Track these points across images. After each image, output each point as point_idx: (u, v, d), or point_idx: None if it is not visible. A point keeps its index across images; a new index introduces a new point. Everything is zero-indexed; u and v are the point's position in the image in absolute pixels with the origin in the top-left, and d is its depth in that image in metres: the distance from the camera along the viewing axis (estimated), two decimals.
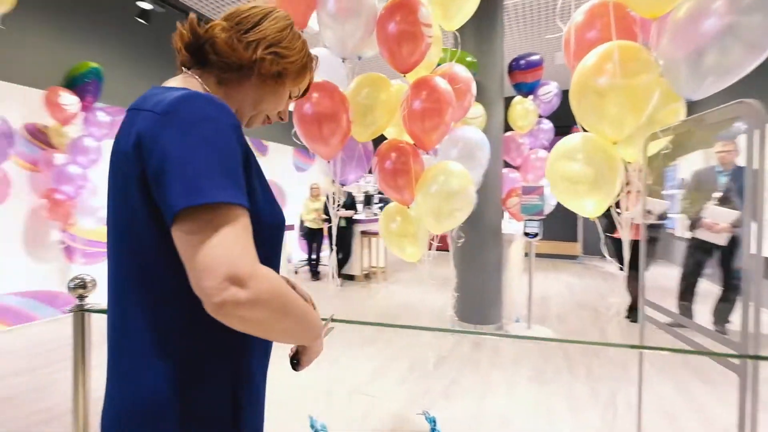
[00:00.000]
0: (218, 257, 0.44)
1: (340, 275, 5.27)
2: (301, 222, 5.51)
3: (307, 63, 0.69)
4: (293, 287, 0.86)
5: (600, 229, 1.75)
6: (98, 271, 3.74)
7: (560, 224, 6.75)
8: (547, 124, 3.41)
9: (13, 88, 3.20)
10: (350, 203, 5.21)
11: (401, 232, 1.92)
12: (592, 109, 1.32)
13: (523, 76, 3.29)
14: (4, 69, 3.15)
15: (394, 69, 1.68)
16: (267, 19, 0.63)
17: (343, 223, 5.08)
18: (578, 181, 1.45)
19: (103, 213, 3.65)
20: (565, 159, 1.49)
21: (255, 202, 0.56)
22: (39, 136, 3.35)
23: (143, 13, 3.19)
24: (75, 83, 3.42)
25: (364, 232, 5.32)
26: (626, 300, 3.70)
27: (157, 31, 4.02)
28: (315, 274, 5.50)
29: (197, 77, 0.62)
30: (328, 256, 5.54)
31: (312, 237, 5.41)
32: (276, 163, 6.46)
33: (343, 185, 1.98)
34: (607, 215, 2.16)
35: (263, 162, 6.09)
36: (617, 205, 1.48)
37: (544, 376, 2.55)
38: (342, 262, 5.28)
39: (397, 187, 1.80)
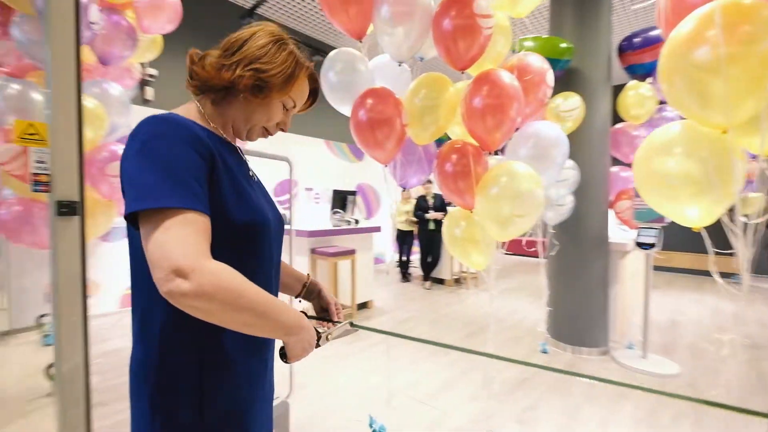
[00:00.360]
0: (165, 252, 0.51)
1: (429, 278, 5.24)
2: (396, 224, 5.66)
3: (293, 73, 0.71)
4: (316, 290, 0.89)
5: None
6: None
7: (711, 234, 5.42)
8: (671, 112, 2.78)
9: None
10: (440, 205, 5.13)
11: (466, 238, 1.82)
12: (691, 89, 1.03)
13: (639, 56, 2.74)
14: (170, 97, 4.05)
15: (452, 67, 1.61)
16: (251, 38, 0.69)
17: (432, 226, 5.03)
18: (679, 182, 1.15)
19: None
20: (660, 154, 1.20)
21: (221, 204, 0.62)
22: None
23: None
24: None
25: None
26: None
27: None
28: (405, 276, 5.58)
29: (196, 102, 0.71)
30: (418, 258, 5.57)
31: (403, 239, 5.51)
32: (373, 169, 6.79)
33: (404, 188, 1.97)
34: None
35: (359, 167, 6.49)
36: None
37: (658, 421, 2.08)
38: (431, 265, 5.24)
39: (458, 190, 1.71)
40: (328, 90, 1.81)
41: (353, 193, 4.29)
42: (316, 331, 0.72)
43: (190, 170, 0.57)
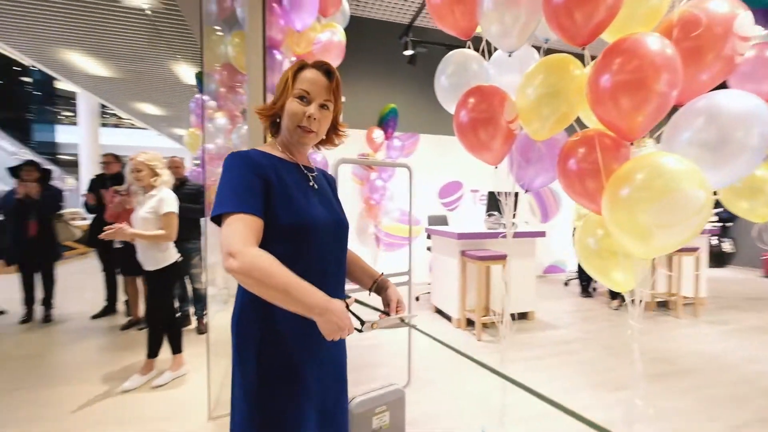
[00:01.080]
0: (225, 241, 0.75)
1: (618, 296, 4.26)
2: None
3: (287, 76, 0.91)
4: (384, 286, 1.04)
5: None
6: (394, 256, 5.07)
7: None
8: None
9: (354, 132, 4.95)
10: None
11: (603, 251, 1.46)
12: None
13: None
14: (349, 118, 4.93)
15: (571, 44, 1.32)
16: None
17: None
18: None
19: (396, 214, 4.89)
20: None
21: (271, 209, 0.83)
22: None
23: (411, 58, 4.04)
24: (383, 121, 4.81)
25: None
26: None
27: (425, 68, 4.94)
28: (586, 290, 4.73)
29: (272, 136, 0.99)
30: None
31: None
32: None
33: (526, 191, 1.75)
34: None
35: None
36: None
37: None
38: None
39: (586, 193, 1.39)
40: (442, 95, 1.81)
41: (515, 194, 3.98)
42: (359, 318, 0.85)
43: (246, 186, 0.81)
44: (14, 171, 3.47)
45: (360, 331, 0.86)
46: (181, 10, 4.65)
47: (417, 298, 4.55)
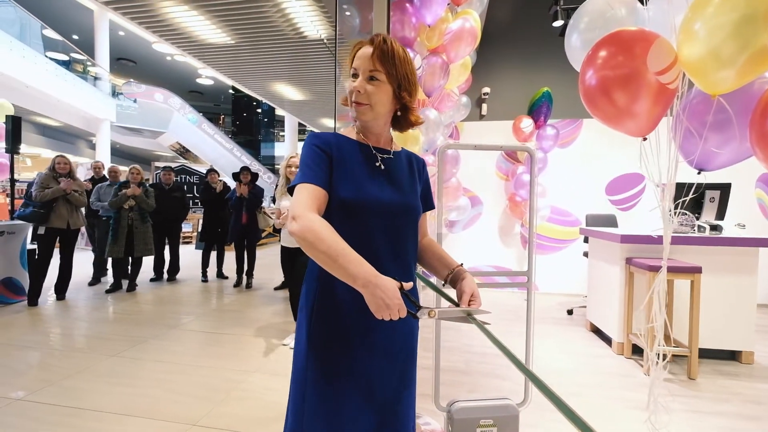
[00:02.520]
0: (291, 205, 0.84)
1: None
2: None
3: (348, 60, 0.93)
4: (460, 277, 0.97)
5: None
6: (543, 260, 4.48)
7: None
8: None
9: (499, 124, 4.62)
10: None
11: None
12: None
13: None
14: (492, 110, 4.62)
15: None
16: None
17: None
18: None
19: (546, 212, 4.32)
20: None
21: (334, 183, 0.89)
22: (511, 154, 4.59)
23: (563, 30, 3.43)
24: (533, 108, 4.31)
25: None
26: None
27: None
28: None
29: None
30: None
31: None
32: None
33: (700, 171, 1.25)
34: None
35: None
36: None
37: None
38: None
39: None
40: (574, 57, 1.49)
41: (721, 187, 2.90)
42: (414, 302, 0.81)
43: (312, 161, 0.89)
44: (235, 175, 4.78)
45: (415, 317, 0.81)
46: (343, 36, 5.40)
47: (570, 312, 3.88)
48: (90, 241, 5.47)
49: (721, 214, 2.94)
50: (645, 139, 1.25)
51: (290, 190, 0.89)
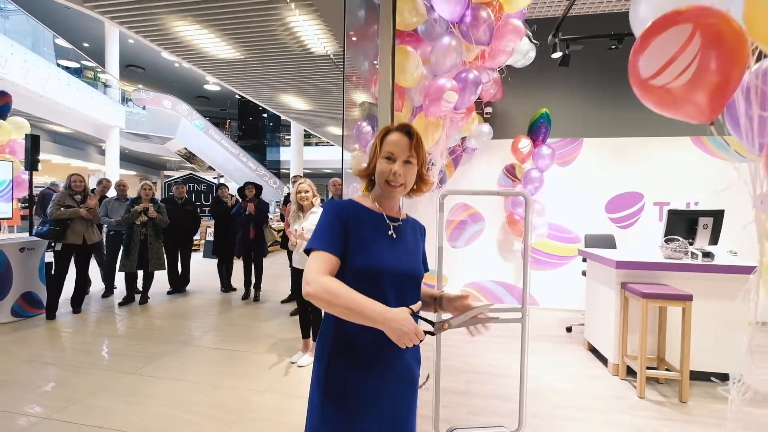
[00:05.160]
0: (306, 270, 0.96)
1: None
2: None
3: (375, 143, 1.07)
4: (442, 298, 1.14)
5: None
6: (543, 276, 4.58)
7: None
8: None
9: (501, 143, 4.73)
10: None
11: None
12: None
13: None
14: (496, 128, 4.71)
15: None
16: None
17: None
18: None
19: (544, 230, 4.43)
20: None
21: (347, 249, 1.00)
22: (511, 171, 4.70)
23: (563, 59, 3.53)
24: (533, 128, 4.42)
25: None
26: None
27: (585, 64, 4.20)
28: None
29: (367, 190, 1.15)
30: None
31: None
32: None
33: None
34: None
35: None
36: None
37: None
38: None
39: None
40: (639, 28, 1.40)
41: (713, 213, 2.99)
42: (429, 321, 0.98)
43: (329, 229, 1.01)
44: (240, 190, 4.94)
45: (432, 334, 0.95)
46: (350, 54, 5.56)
47: (569, 329, 3.98)
48: (97, 255, 5.64)
49: (714, 240, 3.03)
50: (712, 123, 1.31)
51: (307, 252, 1.01)
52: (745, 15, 1.16)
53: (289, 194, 4.82)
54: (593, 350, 3.42)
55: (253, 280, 5.06)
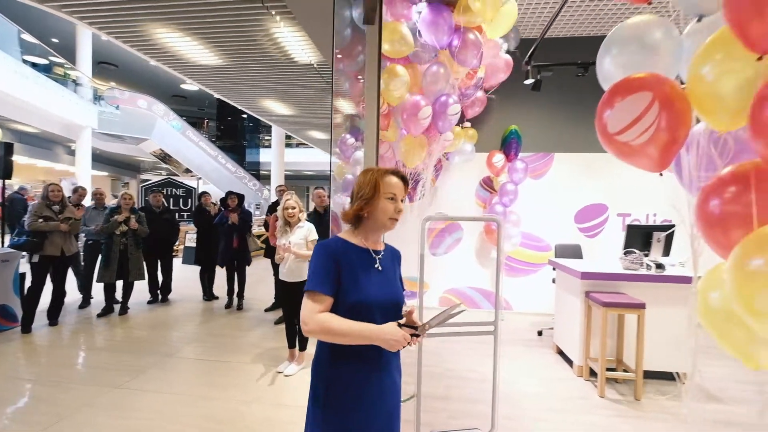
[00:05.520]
0: (302, 310, 1.11)
1: None
2: None
3: (377, 180, 1.19)
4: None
5: None
6: (517, 282, 4.85)
7: None
8: None
9: (478, 156, 4.95)
10: None
11: (731, 313, 1.17)
12: None
13: None
14: (485, 143, 4.92)
15: (745, 45, 1.01)
16: (356, 184, 1.22)
17: None
18: None
19: (518, 240, 4.69)
20: None
21: (339, 286, 1.14)
22: (488, 183, 4.95)
23: (535, 84, 3.81)
24: (504, 143, 4.69)
25: None
26: None
27: (558, 83, 4.52)
28: None
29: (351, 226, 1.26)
30: None
31: None
32: None
33: None
34: None
35: None
36: None
37: None
38: None
39: (728, 243, 1.11)
40: (607, 81, 1.58)
41: (666, 228, 3.31)
42: (412, 327, 1.13)
43: (322, 270, 1.14)
44: (223, 201, 4.97)
45: (418, 335, 1.12)
46: (329, 63, 5.69)
47: (540, 333, 4.25)
48: (73, 265, 5.52)
49: (667, 252, 3.35)
50: (662, 174, 1.53)
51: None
52: (688, 87, 1.37)
53: (274, 203, 4.89)
54: (561, 353, 3.68)
55: (236, 289, 5.10)
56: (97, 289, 4.83)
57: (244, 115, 20.63)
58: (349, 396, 1.15)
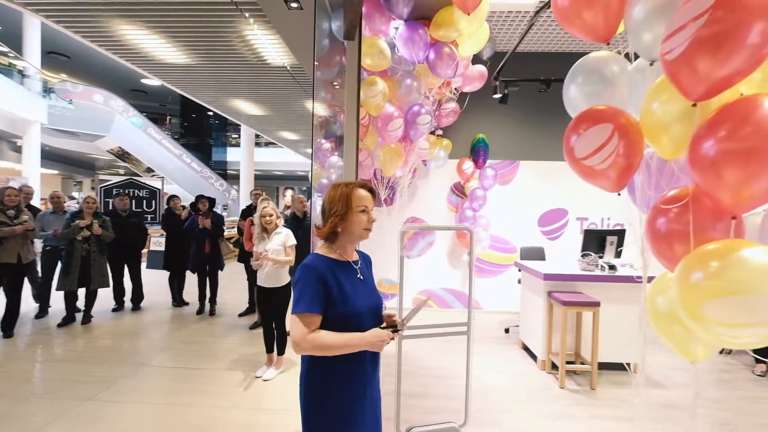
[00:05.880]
0: (292, 332, 1.18)
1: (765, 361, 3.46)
2: None
3: (348, 195, 1.26)
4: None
5: None
6: (486, 283, 5.11)
7: None
8: None
9: (450, 162, 5.17)
10: None
11: (673, 314, 1.38)
12: None
13: None
14: (457, 151, 5.13)
15: (681, 94, 1.21)
16: (326, 201, 1.30)
17: None
18: None
19: (487, 243, 4.94)
20: None
21: (330, 302, 1.21)
22: (459, 188, 5.18)
23: (503, 98, 4.07)
24: (473, 151, 4.94)
25: None
26: None
27: (524, 94, 4.83)
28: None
29: (325, 241, 1.34)
30: None
31: None
32: None
33: None
34: None
35: None
36: None
37: None
38: None
39: (673, 257, 1.29)
40: (573, 108, 1.79)
41: (617, 233, 3.65)
42: (392, 327, 1.24)
43: (310, 290, 1.20)
44: (193, 205, 4.87)
45: (398, 331, 1.25)
46: (303, 67, 5.73)
47: (507, 330, 4.52)
48: (29, 272, 5.19)
49: (618, 254, 3.70)
50: (620, 194, 1.73)
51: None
52: (640, 120, 1.58)
53: (248, 207, 4.85)
54: (526, 348, 3.96)
55: (208, 294, 5.01)
56: (56, 298, 4.58)
57: (210, 113, 19.96)
58: (346, 391, 1.25)
